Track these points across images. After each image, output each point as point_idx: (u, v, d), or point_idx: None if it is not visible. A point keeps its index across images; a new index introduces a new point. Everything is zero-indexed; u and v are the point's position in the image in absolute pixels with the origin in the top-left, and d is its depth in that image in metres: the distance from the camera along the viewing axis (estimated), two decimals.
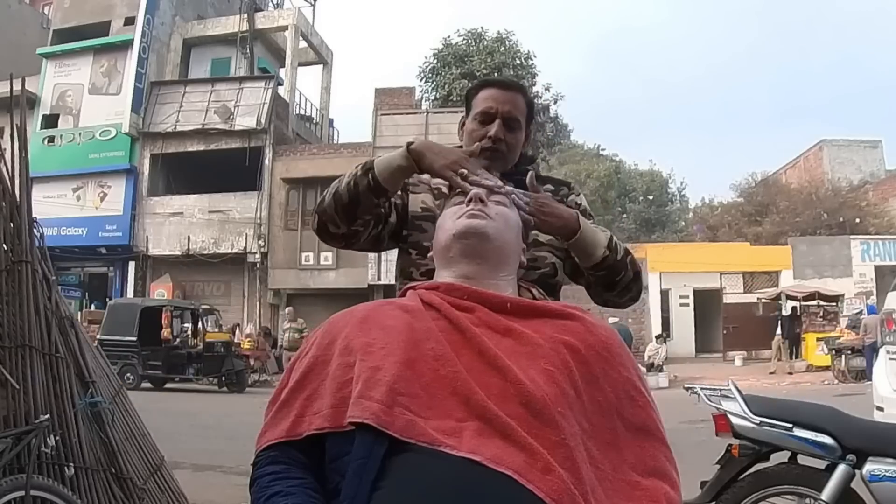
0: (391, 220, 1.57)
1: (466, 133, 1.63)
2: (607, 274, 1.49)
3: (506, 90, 1.61)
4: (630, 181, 31.34)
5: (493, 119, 1.57)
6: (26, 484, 2.42)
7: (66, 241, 19.29)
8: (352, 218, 1.49)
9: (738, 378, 5.22)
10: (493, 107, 1.58)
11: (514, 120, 1.59)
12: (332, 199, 1.49)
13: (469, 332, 1.03)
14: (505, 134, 1.56)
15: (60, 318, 3.01)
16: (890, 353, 5.12)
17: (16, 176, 2.93)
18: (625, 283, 1.52)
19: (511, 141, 1.59)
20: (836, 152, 28.24)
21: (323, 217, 1.52)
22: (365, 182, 1.44)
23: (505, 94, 1.60)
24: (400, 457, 0.89)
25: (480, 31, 25.12)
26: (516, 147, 1.61)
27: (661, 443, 1.03)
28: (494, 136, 1.55)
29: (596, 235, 1.46)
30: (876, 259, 19.99)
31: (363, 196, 1.45)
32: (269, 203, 20.46)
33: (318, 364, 1.04)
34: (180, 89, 21.62)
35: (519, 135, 1.61)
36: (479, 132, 1.57)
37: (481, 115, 1.59)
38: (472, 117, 1.61)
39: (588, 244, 1.44)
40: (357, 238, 1.55)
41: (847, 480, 2.61)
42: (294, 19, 22.61)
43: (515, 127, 1.60)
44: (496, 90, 1.61)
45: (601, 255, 1.45)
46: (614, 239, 1.50)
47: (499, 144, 1.56)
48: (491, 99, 1.59)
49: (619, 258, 1.48)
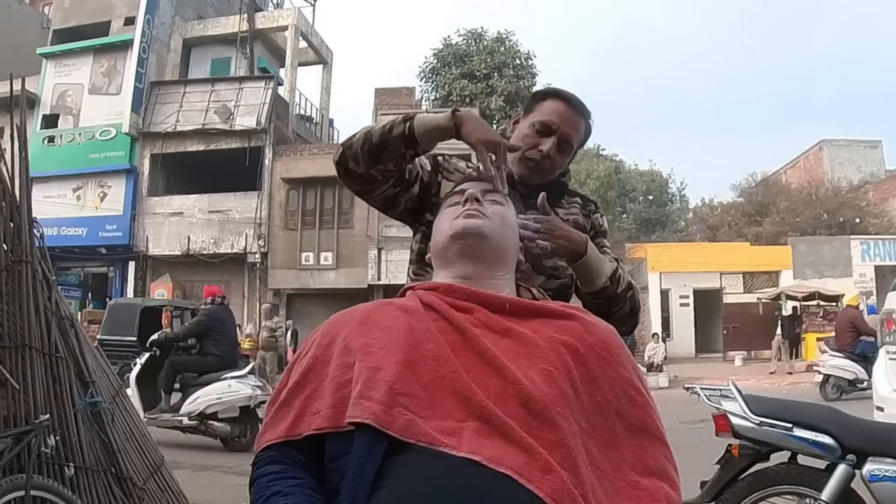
0: (413, 190, 1.54)
1: (519, 134, 1.60)
2: (604, 303, 1.49)
3: (573, 111, 1.58)
4: (630, 181, 31.35)
5: (550, 134, 1.55)
6: (26, 484, 2.42)
7: (66, 241, 19.29)
8: (374, 160, 1.44)
9: (738, 378, 5.22)
10: (555, 123, 1.55)
11: (569, 144, 1.58)
12: (363, 136, 1.45)
13: (468, 333, 1.03)
14: (555, 153, 1.55)
15: (60, 318, 3.01)
16: (890, 353, 5.12)
17: (16, 176, 2.93)
18: (619, 316, 1.51)
19: (558, 161, 1.58)
20: (836, 152, 28.26)
21: (347, 152, 1.47)
22: (401, 129, 1.41)
23: (570, 115, 1.57)
24: (399, 457, 0.89)
25: (480, 31, 25.11)
26: (559, 168, 1.61)
27: (661, 442, 1.03)
28: (545, 153, 1.54)
29: (602, 265, 1.47)
30: (876, 259, 19.99)
31: (393, 142, 1.42)
32: (269, 203, 20.46)
33: (317, 364, 1.04)
34: (180, 89, 21.62)
35: (567, 158, 1.61)
36: (533, 141, 1.56)
37: (541, 125, 1.56)
38: (531, 123, 1.58)
39: (591, 270, 1.45)
40: (373, 187, 1.51)
41: (847, 480, 2.62)
42: (294, 19, 22.61)
43: (567, 150, 1.59)
44: (564, 107, 1.57)
45: (602, 283, 1.47)
46: (619, 271, 1.50)
47: (544, 162, 1.55)
48: (556, 114, 1.56)
49: (620, 291, 1.49)
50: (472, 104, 22.37)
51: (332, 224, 20.10)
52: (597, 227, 1.68)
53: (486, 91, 23.38)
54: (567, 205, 1.67)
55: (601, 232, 1.68)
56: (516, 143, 1.47)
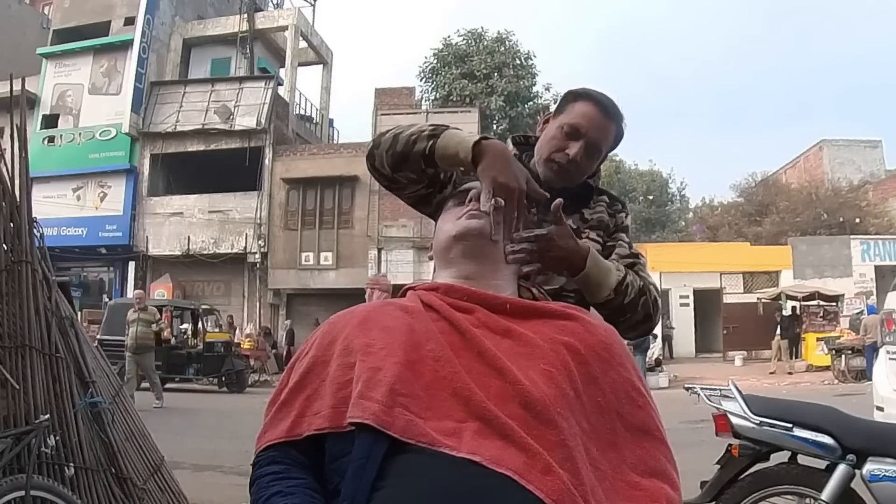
0: (446, 191, 1.42)
1: (547, 136, 1.55)
2: (610, 314, 1.45)
3: (603, 115, 1.51)
4: (630, 181, 31.38)
5: (578, 138, 1.50)
6: (26, 484, 2.42)
7: (66, 241, 19.31)
8: (397, 167, 1.36)
9: (738, 378, 5.22)
10: (584, 127, 1.50)
11: (598, 149, 1.54)
12: (390, 140, 1.36)
13: (469, 334, 1.03)
14: (582, 158, 1.50)
15: (60, 318, 3.01)
16: (890, 353, 5.12)
17: (16, 176, 2.93)
18: (630, 324, 1.48)
19: (584, 166, 1.54)
20: (835, 152, 28.26)
21: (374, 150, 1.40)
22: (422, 147, 1.30)
23: (601, 119, 1.51)
24: (400, 457, 0.89)
25: (480, 31, 25.15)
26: (586, 172, 1.56)
27: (661, 443, 1.03)
28: (572, 158, 1.49)
29: (606, 277, 1.42)
30: (876, 259, 20.00)
31: (413, 157, 1.32)
32: (269, 203, 20.48)
33: (318, 364, 1.04)
34: (180, 89, 21.64)
35: (594, 163, 1.57)
36: (560, 144, 1.51)
37: (570, 128, 1.51)
38: (560, 125, 1.53)
39: (591, 284, 1.41)
40: (400, 188, 1.43)
41: (847, 480, 2.62)
42: (294, 19, 22.63)
43: (595, 156, 1.54)
44: (595, 110, 1.51)
45: (605, 296, 1.43)
46: (628, 280, 1.45)
47: (570, 166, 1.50)
48: (585, 118, 1.50)
49: (628, 301, 1.44)
50: (472, 104, 22.38)
51: (332, 224, 20.11)
52: (619, 224, 1.64)
53: (486, 91, 23.39)
54: (594, 204, 1.63)
55: (622, 228, 1.64)
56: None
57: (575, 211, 1.58)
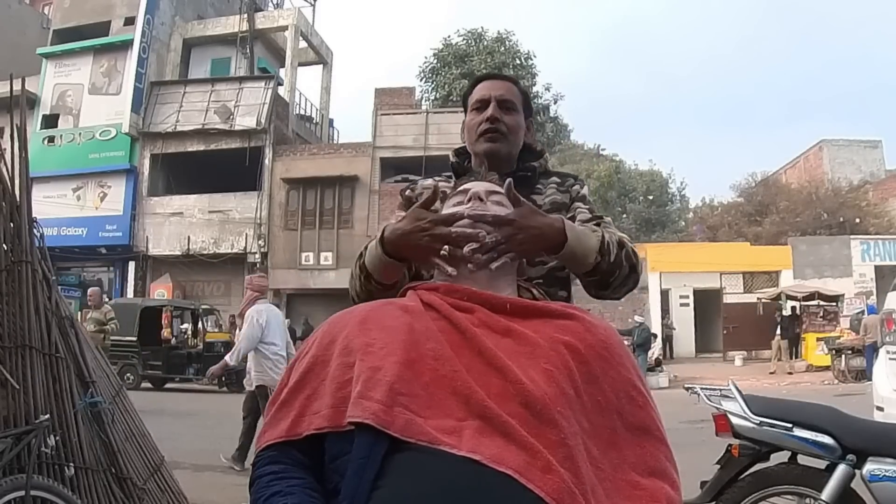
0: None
1: (466, 128, 1.64)
2: (601, 278, 1.39)
3: (495, 79, 1.66)
4: (630, 181, 31.34)
5: (487, 103, 1.59)
6: (26, 484, 2.42)
7: (66, 241, 19.32)
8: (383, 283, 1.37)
9: (738, 378, 5.21)
10: (486, 94, 1.61)
11: (510, 101, 1.61)
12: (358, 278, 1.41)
13: (469, 333, 1.03)
14: (501, 114, 1.57)
15: (60, 318, 3.01)
16: (890, 353, 5.12)
17: (16, 176, 2.93)
18: (620, 280, 1.42)
19: (510, 122, 1.59)
20: (835, 152, 28.27)
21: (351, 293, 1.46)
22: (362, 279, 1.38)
23: (497, 83, 1.64)
24: (400, 456, 0.89)
25: (480, 31, 25.20)
26: (517, 130, 1.61)
27: (661, 442, 1.03)
28: (491, 117, 1.57)
29: (587, 241, 1.34)
30: (876, 259, 20.00)
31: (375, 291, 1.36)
32: (269, 203, 20.48)
33: (318, 364, 1.04)
34: (180, 89, 21.64)
35: (517, 117, 1.61)
36: (477, 119, 1.60)
37: (477, 103, 1.61)
38: (470, 109, 1.64)
39: (577, 254, 1.32)
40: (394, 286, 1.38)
41: (847, 480, 2.61)
42: (294, 19, 22.62)
43: (512, 108, 1.61)
44: (488, 81, 1.66)
45: (593, 261, 1.35)
46: (606, 238, 1.38)
47: (497, 125, 1.57)
48: (484, 88, 1.63)
49: (614, 258, 1.37)
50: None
51: (332, 224, 20.12)
52: (574, 195, 1.61)
53: None
54: (544, 188, 1.62)
55: (579, 198, 1.60)
56: (472, 141, 1.57)
57: (525, 198, 1.55)
